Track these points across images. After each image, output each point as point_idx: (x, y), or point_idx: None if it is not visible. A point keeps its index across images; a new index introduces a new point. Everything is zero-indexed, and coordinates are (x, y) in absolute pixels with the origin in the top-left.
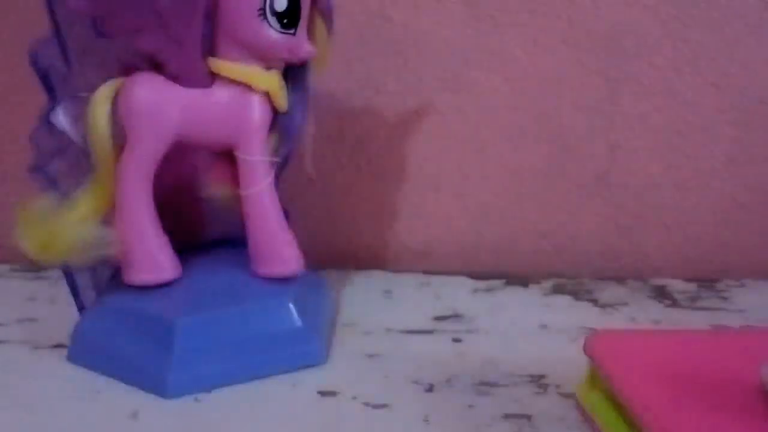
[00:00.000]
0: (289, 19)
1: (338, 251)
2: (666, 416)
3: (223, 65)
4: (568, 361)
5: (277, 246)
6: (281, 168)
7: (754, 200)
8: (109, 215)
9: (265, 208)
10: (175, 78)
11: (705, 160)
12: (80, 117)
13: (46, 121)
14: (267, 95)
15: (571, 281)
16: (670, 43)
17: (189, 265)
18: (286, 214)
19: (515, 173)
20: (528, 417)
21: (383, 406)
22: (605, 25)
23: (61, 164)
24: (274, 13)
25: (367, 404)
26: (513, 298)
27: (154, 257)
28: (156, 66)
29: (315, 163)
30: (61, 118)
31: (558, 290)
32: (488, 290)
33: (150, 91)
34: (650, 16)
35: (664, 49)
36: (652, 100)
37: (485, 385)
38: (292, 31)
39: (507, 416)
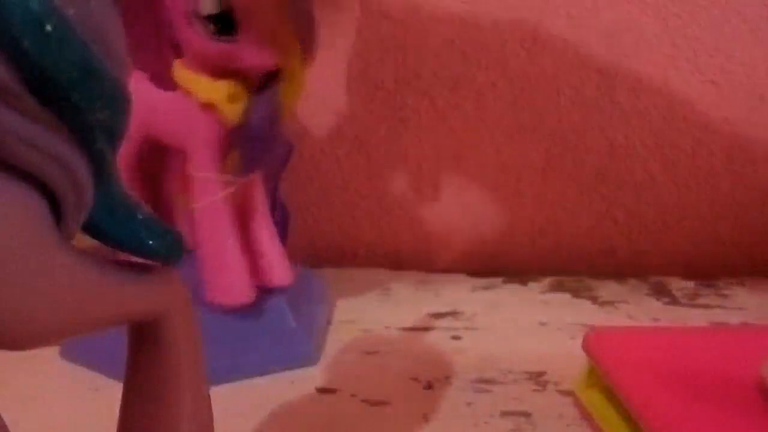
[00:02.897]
0: (222, 24)
1: (337, 249)
2: (664, 413)
3: (176, 70)
4: (566, 359)
5: (220, 270)
6: (281, 167)
7: (753, 198)
8: None
9: (209, 227)
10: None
11: (704, 158)
12: None
13: None
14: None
15: (570, 279)
16: (669, 41)
17: (184, 263)
18: (285, 213)
19: (514, 170)
20: (527, 414)
21: (382, 403)
22: (604, 22)
23: None
24: (202, 17)
25: (365, 401)
26: (512, 295)
27: None
28: None
29: (313, 160)
30: None
31: (557, 288)
32: (487, 288)
33: None
34: (649, 13)
35: (663, 47)
36: (650, 98)
37: (484, 383)
38: (230, 38)
39: (506, 413)
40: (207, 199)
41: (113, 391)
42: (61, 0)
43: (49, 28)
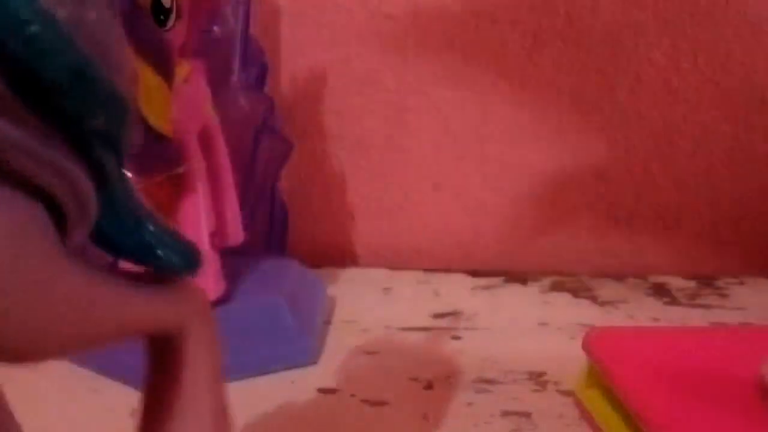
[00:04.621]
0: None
1: (338, 248)
2: (664, 413)
3: None
4: (567, 359)
5: None
6: (279, 165)
7: (754, 197)
8: None
9: None
10: None
11: (704, 158)
12: None
13: None
14: None
15: (570, 279)
16: (669, 40)
17: None
18: (284, 212)
19: (514, 170)
20: (527, 414)
21: (382, 403)
22: (604, 22)
23: None
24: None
25: (365, 401)
26: (512, 295)
27: None
28: None
29: (313, 160)
30: None
31: (557, 288)
32: (487, 288)
33: None
34: (649, 13)
35: (663, 46)
36: (650, 97)
37: (484, 383)
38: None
39: (506, 413)
40: None
41: (113, 392)
42: (51, 1)
43: (35, 29)
